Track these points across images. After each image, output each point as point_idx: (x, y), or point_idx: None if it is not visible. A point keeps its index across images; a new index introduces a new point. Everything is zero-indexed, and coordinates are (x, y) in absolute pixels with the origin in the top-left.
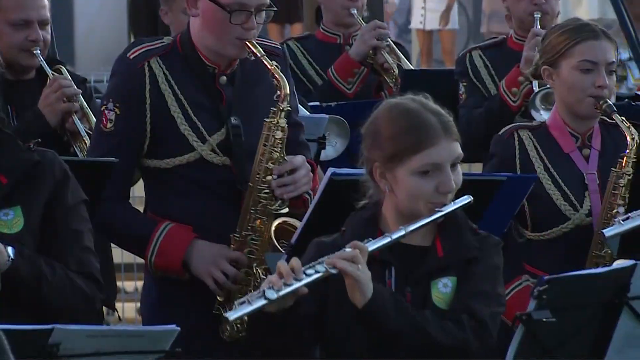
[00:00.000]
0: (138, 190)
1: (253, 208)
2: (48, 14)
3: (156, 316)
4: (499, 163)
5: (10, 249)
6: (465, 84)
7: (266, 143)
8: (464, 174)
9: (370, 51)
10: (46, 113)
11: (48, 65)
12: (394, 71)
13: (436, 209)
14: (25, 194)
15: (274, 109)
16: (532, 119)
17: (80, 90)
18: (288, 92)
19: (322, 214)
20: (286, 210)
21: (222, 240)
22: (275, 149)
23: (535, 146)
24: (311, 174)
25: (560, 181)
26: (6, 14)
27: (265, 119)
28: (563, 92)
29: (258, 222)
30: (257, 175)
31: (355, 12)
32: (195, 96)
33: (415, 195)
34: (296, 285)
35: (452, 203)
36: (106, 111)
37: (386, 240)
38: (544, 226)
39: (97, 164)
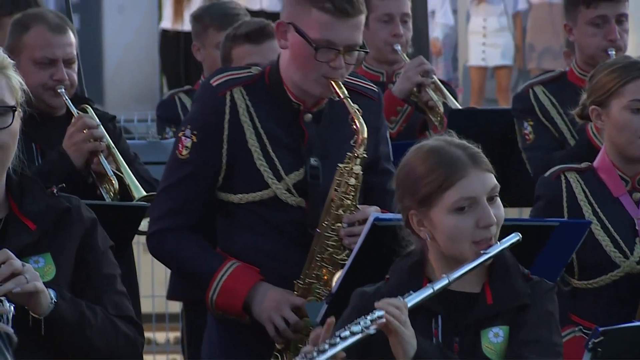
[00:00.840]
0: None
1: (319, 256)
2: (74, 52)
3: (217, 356)
4: (545, 206)
5: (52, 292)
6: (531, 123)
7: (337, 189)
8: (513, 219)
9: (415, 88)
10: (71, 153)
11: (75, 104)
12: (439, 109)
13: (481, 251)
14: (55, 241)
15: (350, 154)
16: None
17: (104, 133)
18: (365, 137)
19: (365, 261)
20: None
21: (288, 283)
22: (348, 196)
23: (583, 189)
24: None
25: (609, 226)
26: (31, 52)
27: (339, 165)
28: (612, 133)
29: (324, 270)
30: (326, 222)
31: (399, 48)
32: (276, 132)
33: (456, 235)
34: (331, 352)
35: (498, 243)
36: (183, 138)
37: (428, 292)
38: (592, 274)
39: (129, 208)
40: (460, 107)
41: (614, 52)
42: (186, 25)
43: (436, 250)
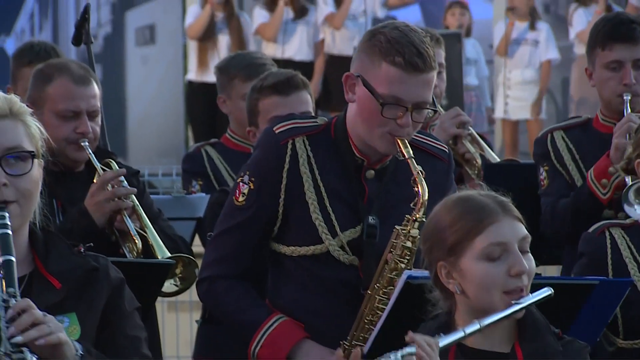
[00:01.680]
0: None
1: (368, 318)
2: (98, 104)
3: None
4: (588, 263)
5: (78, 345)
6: (546, 168)
7: (393, 251)
8: (553, 277)
9: (451, 140)
10: (93, 212)
11: (98, 157)
12: (476, 162)
13: (513, 302)
14: (80, 301)
15: (409, 217)
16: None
17: (133, 189)
18: (426, 200)
19: (399, 320)
20: None
21: (333, 342)
22: (402, 259)
23: (628, 246)
24: None
25: None
26: (53, 105)
27: (396, 226)
28: None
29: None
30: (378, 284)
31: (434, 98)
32: (336, 186)
33: (487, 284)
34: None
35: (530, 295)
36: (241, 184)
37: (459, 335)
38: (639, 333)
39: (154, 265)
40: (498, 160)
41: (629, 97)
42: (212, 77)
43: (465, 305)
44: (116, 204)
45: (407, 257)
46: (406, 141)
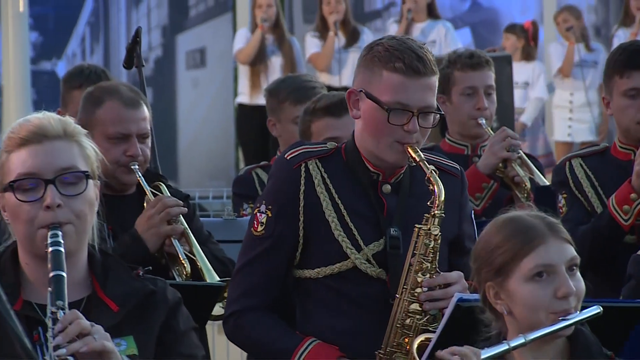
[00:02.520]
0: None
1: (400, 322)
2: (148, 127)
3: None
4: (637, 285)
5: (125, 357)
6: (565, 195)
7: (415, 252)
8: (603, 300)
9: (500, 164)
10: (147, 237)
11: (148, 180)
12: (525, 185)
13: (560, 318)
14: (138, 324)
15: (427, 215)
16: None
17: (186, 209)
18: (443, 199)
19: (449, 342)
20: (437, 326)
21: (370, 358)
22: (427, 258)
23: None
24: (468, 293)
25: None
26: (103, 128)
27: (416, 225)
28: None
29: (405, 339)
30: (405, 287)
31: (484, 121)
32: (354, 203)
33: (533, 305)
34: None
35: (578, 313)
36: (258, 214)
37: (503, 347)
38: None
39: (205, 288)
40: (547, 183)
41: None
42: (263, 99)
43: (514, 326)
44: (171, 228)
45: (431, 256)
46: (416, 147)
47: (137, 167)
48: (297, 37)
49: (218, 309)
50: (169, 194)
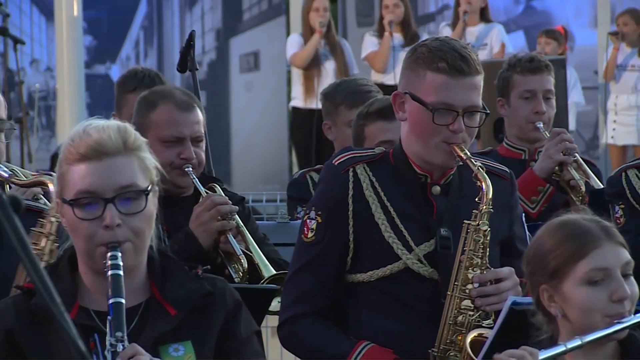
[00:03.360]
0: None
1: (452, 319)
2: (202, 130)
3: None
4: None
5: None
6: (622, 206)
7: (465, 248)
8: None
9: (556, 167)
10: (199, 234)
11: (202, 183)
12: (581, 189)
13: (615, 321)
14: (196, 328)
15: (476, 211)
16: None
17: (236, 208)
18: (491, 195)
19: (504, 346)
20: (491, 322)
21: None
22: (476, 254)
23: None
24: (519, 289)
25: None
26: (157, 131)
27: (465, 221)
28: None
29: (458, 336)
30: (456, 283)
31: (542, 125)
32: (403, 205)
33: (588, 308)
34: None
35: (634, 316)
36: (308, 220)
37: (560, 348)
38: None
39: (260, 291)
40: (602, 187)
41: None
42: (317, 103)
43: (567, 329)
44: (221, 224)
45: (481, 251)
46: (462, 146)
47: (191, 169)
48: (351, 41)
49: (276, 304)
50: (223, 195)
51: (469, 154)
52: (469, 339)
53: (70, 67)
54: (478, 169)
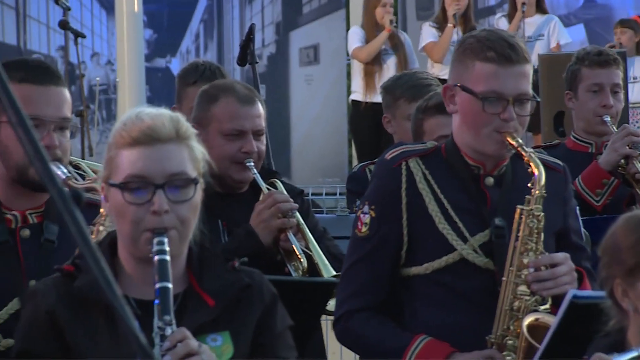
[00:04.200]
0: None
1: (508, 306)
2: (263, 124)
3: None
4: None
5: None
6: None
7: (519, 234)
8: None
9: (622, 160)
10: (259, 231)
11: (263, 177)
12: None
13: None
14: (233, 319)
15: (529, 197)
16: None
17: (297, 205)
18: (543, 182)
19: (564, 339)
20: (548, 307)
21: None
22: (531, 239)
23: None
24: (574, 274)
25: None
26: (219, 125)
27: (518, 206)
28: None
29: (515, 322)
30: (511, 268)
31: (609, 119)
32: (457, 197)
33: None
34: None
35: None
36: (361, 215)
37: (633, 354)
38: None
39: (319, 284)
40: None
41: None
42: (377, 97)
43: (637, 325)
44: (282, 222)
45: (535, 236)
46: (514, 135)
47: (252, 163)
48: (410, 34)
49: (333, 304)
50: (284, 191)
51: (520, 142)
52: (525, 323)
53: (131, 61)
54: (530, 155)
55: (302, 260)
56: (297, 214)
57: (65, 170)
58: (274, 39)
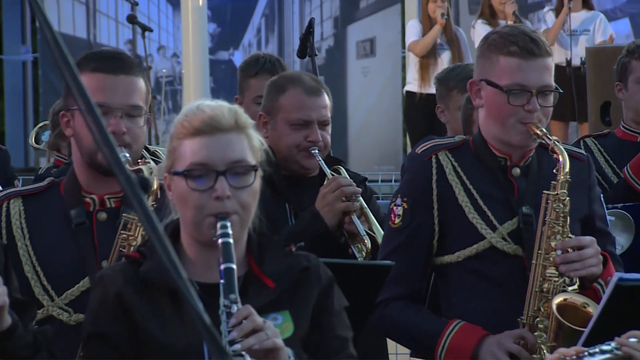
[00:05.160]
0: None
1: (538, 287)
2: (329, 114)
3: None
4: None
5: (289, 350)
6: None
7: (546, 218)
8: None
9: None
10: (324, 214)
11: (328, 165)
12: None
13: None
14: (293, 299)
15: (554, 182)
16: None
17: (360, 189)
18: (567, 169)
19: (610, 323)
20: (575, 288)
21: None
22: (557, 222)
23: None
24: (601, 257)
25: None
26: (286, 114)
27: (544, 191)
28: None
29: (545, 303)
30: (539, 252)
31: None
32: (485, 187)
33: None
34: None
35: None
36: (394, 207)
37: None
38: None
39: (374, 267)
40: None
41: None
42: (431, 89)
43: None
44: (345, 205)
45: (562, 219)
46: (538, 125)
47: (317, 152)
48: (463, 28)
49: None
50: (348, 177)
51: (544, 131)
52: (554, 303)
53: (195, 53)
54: (554, 142)
55: (365, 242)
56: (361, 199)
57: (127, 156)
58: (332, 32)
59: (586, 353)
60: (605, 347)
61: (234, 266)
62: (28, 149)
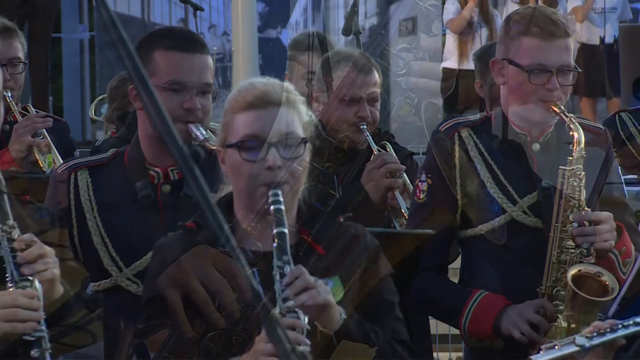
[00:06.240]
0: None
1: (555, 258)
2: (378, 91)
3: None
4: None
5: (342, 309)
6: None
7: (561, 194)
8: None
9: None
10: (369, 188)
11: (377, 139)
12: None
13: None
14: (342, 266)
15: (570, 158)
16: None
17: (404, 167)
18: (582, 145)
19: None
20: (592, 259)
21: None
22: (574, 196)
23: None
24: (615, 233)
25: None
26: (337, 91)
27: (560, 167)
28: None
29: (563, 274)
30: (556, 224)
31: None
32: (506, 163)
33: None
34: (611, 336)
35: None
36: (419, 183)
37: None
38: None
39: (414, 235)
40: None
41: None
42: (469, 64)
43: None
44: (389, 182)
45: (578, 193)
46: (557, 103)
47: (365, 127)
48: (499, 10)
49: None
50: (394, 153)
51: (563, 108)
52: (570, 274)
53: (245, 32)
54: (570, 119)
55: (406, 216)
56: (405, 175)
57: (204, 132)
58: (375, 11)
59: (620, 325)
60: (638, 320)
61: (286, 230)
62: (85, 122)
